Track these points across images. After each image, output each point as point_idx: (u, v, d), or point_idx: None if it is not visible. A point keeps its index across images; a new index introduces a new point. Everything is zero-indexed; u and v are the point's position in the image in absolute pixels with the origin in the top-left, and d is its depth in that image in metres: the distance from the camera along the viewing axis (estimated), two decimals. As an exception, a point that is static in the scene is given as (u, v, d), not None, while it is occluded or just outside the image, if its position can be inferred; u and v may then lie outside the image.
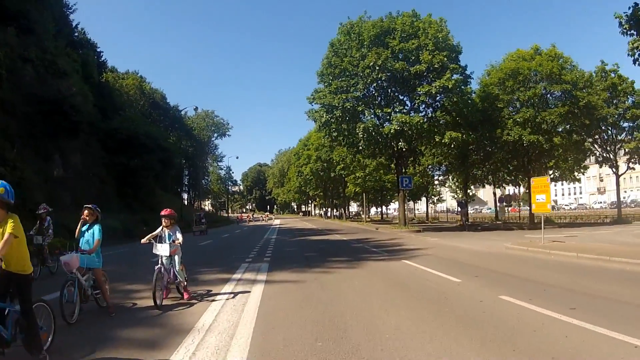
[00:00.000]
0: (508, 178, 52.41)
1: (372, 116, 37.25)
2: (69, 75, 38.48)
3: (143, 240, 9.10)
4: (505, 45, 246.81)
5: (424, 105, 37.37)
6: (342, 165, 60.73)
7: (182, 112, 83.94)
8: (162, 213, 9.05)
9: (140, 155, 42.96)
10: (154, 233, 9.03)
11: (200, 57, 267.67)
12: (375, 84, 36.58)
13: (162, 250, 8.69)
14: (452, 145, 37.00)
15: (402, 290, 9.74)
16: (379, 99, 38.29)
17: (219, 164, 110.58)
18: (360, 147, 38.21)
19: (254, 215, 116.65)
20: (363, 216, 73.91)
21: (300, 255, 18.58)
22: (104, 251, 8.69)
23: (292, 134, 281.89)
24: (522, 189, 63.99)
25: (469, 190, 61.22)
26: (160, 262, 8.62)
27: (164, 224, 9.00)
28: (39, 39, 36.65)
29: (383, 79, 35.41)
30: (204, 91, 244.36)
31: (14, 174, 25.81)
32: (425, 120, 35.55)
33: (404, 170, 40.14)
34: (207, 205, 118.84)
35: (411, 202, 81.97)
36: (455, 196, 67.12)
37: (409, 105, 37.77)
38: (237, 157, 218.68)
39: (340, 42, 37.78)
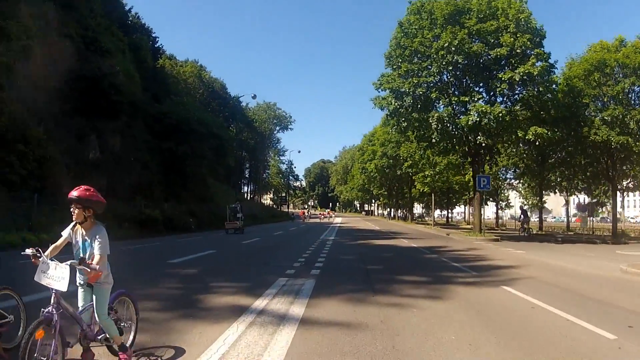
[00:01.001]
0: (581, 185, 47.98)
1: (447, 105, 31.87)
2: (111, 54, 35.93)
3: (28, 251, 4.14)
4: (580, 36, 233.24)
5: (501, 98, 32.11)
6: (410, 162, 55.26)
7: (242, 103, 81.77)
8: (71, 194, 4.26)
9: (190, 142, 39.89)
10: (59, 241, 4.40)
11: (263, 49, 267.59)
12: (450, 68, 31.38)
13: (56, 278, 3.99)
14: (537, 143, 31.24)
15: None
16: (453, 88, 33.12)
17: (281, 158, 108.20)
18: (433, 140, 33.07)
19: (310, 213, 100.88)
20: (428, 219, 68.76)
21: (360, 268, 14.05)
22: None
23: (356, 131, 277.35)
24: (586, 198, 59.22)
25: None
26: (53, 300, 3.96)
27: (74, 217, 4.33)
28: (81, 16, 34.33)
29: (459, 61, 30.27)
30: (266, 84, 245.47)
31: (36, 152, 22.97)
32: (507, 112, 30.04)
33: (480, 170, 35.11)
34: (267, 199, 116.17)
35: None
36: (525, 202, 61.60)
37: (486, 96, 32.48)
38: (299, 152, 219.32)
39: (409, 22, 32.80)
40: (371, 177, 76.43)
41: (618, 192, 43.94)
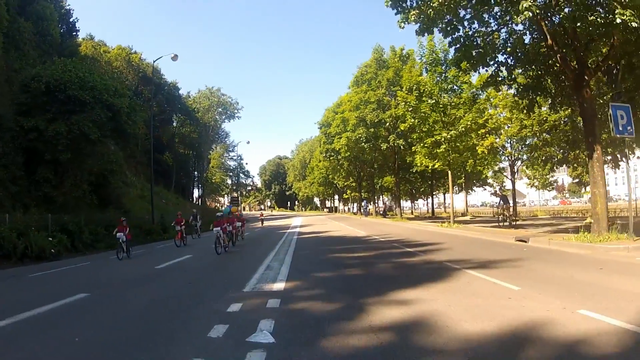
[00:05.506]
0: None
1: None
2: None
3: None
4: None
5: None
6: (412, 122, 32.15)
7: (180, 90, 66.98)
8: None
9: (66, 115, 24.49)
10: None
11: (207, 36, 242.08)
12: None
13: None
14: None
15: None
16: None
17: (230, 153, 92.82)
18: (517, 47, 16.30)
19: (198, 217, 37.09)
20: (392, 213, 53.92)
21: None
22: None
23: (312, 126, 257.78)
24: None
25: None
26: None
27: None
28: None
29: None
30: (213, 77, 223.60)
31: None
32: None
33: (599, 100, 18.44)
34: (219, 202, 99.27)
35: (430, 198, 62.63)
36: (537, 184, 48.72)
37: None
38: (248, 142, 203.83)
39: None
40: (337, 165, 61.10)
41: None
